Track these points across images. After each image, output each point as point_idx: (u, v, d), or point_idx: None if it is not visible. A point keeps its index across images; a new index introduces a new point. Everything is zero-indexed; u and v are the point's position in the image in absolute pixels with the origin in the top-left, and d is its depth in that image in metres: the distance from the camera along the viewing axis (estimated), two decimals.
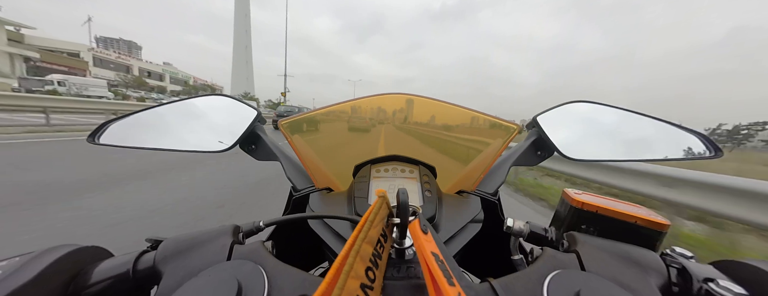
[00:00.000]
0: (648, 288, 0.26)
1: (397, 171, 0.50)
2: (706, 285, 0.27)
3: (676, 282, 0.28)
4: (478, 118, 0.54)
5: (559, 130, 0.53)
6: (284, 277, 0.26)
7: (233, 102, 0.58)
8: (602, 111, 0.53)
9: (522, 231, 0.38)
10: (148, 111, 0.53)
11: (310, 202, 0.46)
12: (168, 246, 0.31)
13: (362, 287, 0.19)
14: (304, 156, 0.52)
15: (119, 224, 2.44)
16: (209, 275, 0.25)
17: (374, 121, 0.58)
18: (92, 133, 0.49)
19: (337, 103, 0.54)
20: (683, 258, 0.30)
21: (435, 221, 0.39)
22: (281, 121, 0.52)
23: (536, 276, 0.26)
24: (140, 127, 0.53)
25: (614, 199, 0.40)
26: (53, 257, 0.27)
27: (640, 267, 0.28)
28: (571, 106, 0.55)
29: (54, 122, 8.68)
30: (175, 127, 0.54)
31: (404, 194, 0.25)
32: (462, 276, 0.23)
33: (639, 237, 0.34)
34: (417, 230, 0.25)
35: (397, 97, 0.55)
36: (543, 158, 0.56)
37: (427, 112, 0.56)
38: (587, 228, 0.38)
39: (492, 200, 0.49)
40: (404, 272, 0.29)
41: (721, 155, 0.44)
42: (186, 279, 0.26)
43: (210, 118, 0.57)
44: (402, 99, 0.55)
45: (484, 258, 0.52)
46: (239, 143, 0.55)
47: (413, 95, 0.54)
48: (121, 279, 0.29)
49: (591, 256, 0.29)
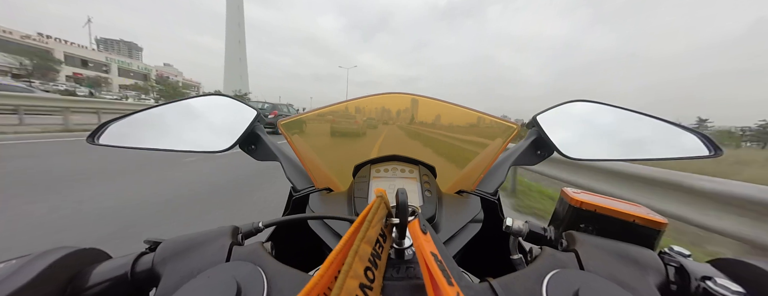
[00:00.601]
0: (646, 286, 0.26)
1: (397, 171, 0.50)
2: (704, 283, 0.27)
3: (674, 280, 0.28)
4: (477, 117, 0.54)
5: (559, 130, 0.53)
6: (283, 278, 0.26)
7: (233, 101, 0.58)
8: (602, 110, 0.53)
9: (521, 231, 0.38)
10: (147, 111, 0.53)
11: (310, 203, 0.46)
12: (166, 247, 0.31)
13: (361, 287, 0.19)
14: (304, 156, 0.52)
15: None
16: (208, 276, 0.25)
17: (374, 120, 0.58)
18: (92, 133, 0.49)
19: (337, 103, 0.54)
20: (681, 256, 0.30)
21: (435, 221, 0.39)
22: (281, 121, 0.52)
23: (535, 276, 0.26)
24: (139, 127, 0.53)
25: (613, 198, 0.40)
26: (50, 259, 0.27)
27: (638, 265, 0.28)
28: (570, 105, 0.55)
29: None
30: (175, 127, 0.54)
31: (403, 194, 0.25)
32: (461, 276, 0.23)
33: (637, 236, 0.34)
34: (416, 230, 0.25)
35: (397, 97, 0.55)
36: (543, 157, 0.56)
37: (426, 111, 0.56)
38: (586, 228, 0.38)
39: (492, 200, 0.49)
40: (404, 272, 0.29)
41: (720, 154, 0.44)
42: (185, 280, 0.26)
43: (209, 118, 0.57)
44: (401, 98, 0.55)
45: (483, 257, 0.52)
46: (239, 143, 0.55)
47: (413, 94, 0.54)
48: (119, 281, 0.29)
49: (590, 255, 0.29)
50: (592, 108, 0.54)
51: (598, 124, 0.54)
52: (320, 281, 0.18)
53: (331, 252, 0.20)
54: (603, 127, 0.53)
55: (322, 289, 0.18)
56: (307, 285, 0.17)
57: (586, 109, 0.55)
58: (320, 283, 0.18)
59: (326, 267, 0.19)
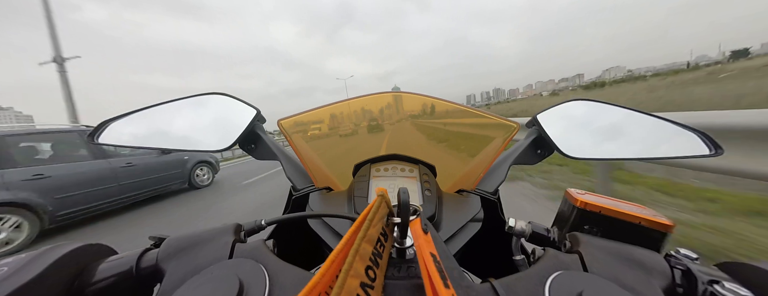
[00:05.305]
0: (651, 289, 0.26)
1: (397, 171, 0.50)
2: (711, 287, 0.26)
3: (681, 283, 0.28)
4: (477, 116, 0.54)
5: (559, 129, 0.53)
6: (285, 275, 0.26)
7: (233, 100, 0.58)
8: (602, 109, 0.53)
9: (524, 232, 0.38)
10: (146, 109, 0.53)
11: (310, 202, 0.46)
12: (170, 244, 0.31)
13: (362, 286, 0.19)
14: (304, 155, 0.52)
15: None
16: (211, 273, 0.26)
17: (374, 120, 0.58)
18: (91, 132, 0.49)
19: (337, 102, 0.54)
20: (688, 259, 0.30)
21: (435, 220, 0.39)
22: (281, 120, 0.52)
23: (538, 277, 0.25)
24: (139, 126, 0.52)
25: (618, 199, 0.39)
26: (58, 254, 0.28)
27: (643, 268, 0.28)
28: (570, 104, 0.55)
29: None
30: (174, 125, 0.54)
31: (405, 193, 0.24)
32: (462, 276, 0.23)
33: (643, 238, 0.34)
34: (418, 230, 0.25)
35: (397, 96, 0.55)
36: (543, 157, 0.56)
37: (426, 111, 0.56)
38: (590, 229, 0.38)
39: (492, 199, 0.49)
40: (405, 271, 0.28)
41: (721, 153, 0.44)
42: (188, 276, 0.26)
43: (209, 117, 0.57)
44: (401, 97, 0.55)
45: (485, 258, 0.52)
46: (239, 142, 0.55)
47: (412, 93, 0.54)
48: (124, 276, 0.30)
49: (594, 257, 0.28)
50: (593, 107, 0.54)
51: (598, 123, 0.54)
52: (322, 279, 0.18)
53: (332, 251, 0.20)
54: (603, 126, 0.53)
55: (323, 287, 0.18)
56: (309, 283, 0.17)
57: (586, 108, 0.55)
58: (322, 281, 0.18)
59: (328, 266, 0.19)
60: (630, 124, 0.51)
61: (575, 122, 0.55)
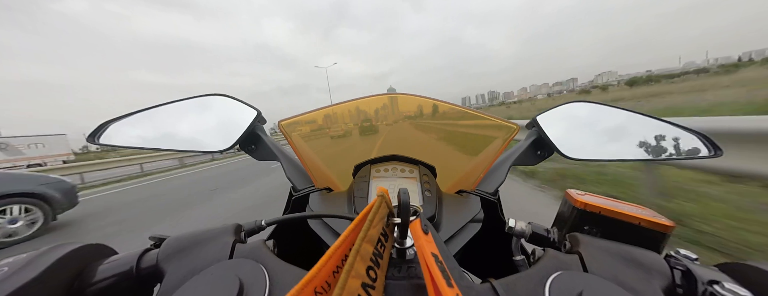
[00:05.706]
0: (651, 290, 0.26)
1: (397, 171, 0.50)
2: (711, 287, 0.26)
3: (680, 284, 0.28)
4: (477, 117, 0.54)
5: (559, 130, 0.53)
6: (285, 276, 0.26)
7: (233, 101, 0.58)
8: (602, 111, 0.54)
9: (524, 232, 0.38)
10: (147, 110, 0.53)
11: (310, 202, 0.46)
12: (170, 244, 0.31)
13: (364, 286, 0.19)
14: (304, 156, 0.52)
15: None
16: (211, 273, 0.26)
17: (374, 120, 0.58)
18: (92, 133, 0.49)
19: (337, 104, 0.54)
20: (687, 260, 0.30)
21: (435, 220, 0.39)
22: (281, 121, 0.52)
23: (538, 277, 0.25)
24: (139, 127, 0.53)
25: (618, 200, 0.39)
26: (59, 254, 0.28)
27: (643, 269, 0.28)
28: (570, 106, 0.56)
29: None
30: (175, 126, 0.54)
31: (405, 194, 0.25)
32: (462, 276, 0.23)
33: (643, 239, 0.34)
34: (418, 230, 0.25)
35: (396, 97, 0.55)
36: (543, 158, 0.56)
37: (426, 112, 0.56)
38: (590, 230, 0.38)
39: (492, 200, 0.49)
40: (405, 272, 0.28)
41: (720, 154, 0.44)
42: (188, 277, 0.26)
43: (209, 118, 0.57)
44: (401, 99, 0.56)
45: (485, 258, 0.52)
46: (239, 143, 0.55)
47: (412, 95, 0.54)
48: (124, 276, 0.30)
49: (593, 258, 0.28)
50: (592, 109, 0.55)
51: (597, 124, 0.54)
52: (317, 275, 0.18)
53: (329, 248, 0.20)
54: (602, 127, 0.54)
55: (319, 282, 0.18)
56: (304, 279, 0.17)
57: (585, 110, 0.55)
58: (317, 277, 0.18)
59: (324, 262, 0.19)
60: (629, 126, 0.51)
61: (575, 123, 0.55)
